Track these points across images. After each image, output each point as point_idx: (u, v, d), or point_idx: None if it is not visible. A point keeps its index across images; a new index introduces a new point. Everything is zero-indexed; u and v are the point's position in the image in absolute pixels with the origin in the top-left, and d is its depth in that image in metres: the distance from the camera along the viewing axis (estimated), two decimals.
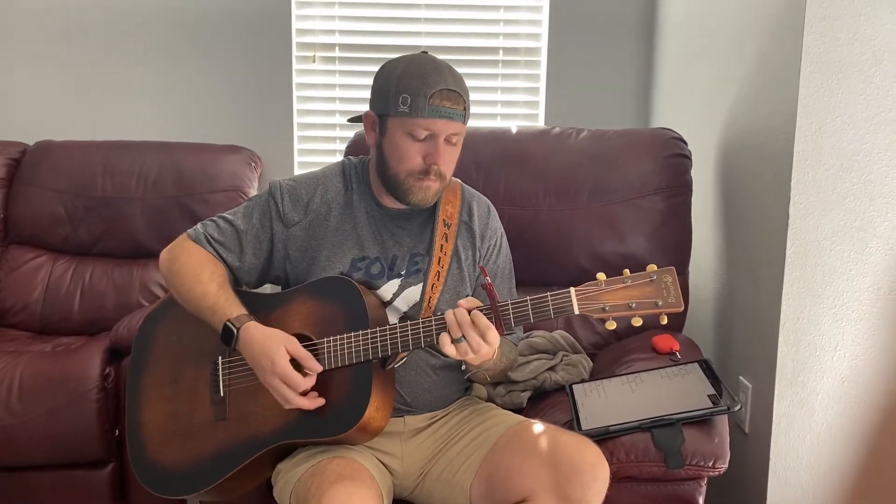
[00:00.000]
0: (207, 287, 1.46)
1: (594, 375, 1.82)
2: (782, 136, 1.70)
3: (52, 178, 2.51)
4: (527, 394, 1.79)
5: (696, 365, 1.64)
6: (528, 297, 1.34)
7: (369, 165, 1.58)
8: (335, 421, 1.39)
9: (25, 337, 2.36)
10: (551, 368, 1.83)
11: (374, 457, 1.49)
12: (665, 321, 1.29)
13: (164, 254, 1.55)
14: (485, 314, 1.32)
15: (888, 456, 1.74)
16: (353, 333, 1.40)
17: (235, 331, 1.41)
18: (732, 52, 2.04)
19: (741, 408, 1.85)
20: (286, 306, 1.49)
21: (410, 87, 1.41)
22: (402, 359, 1.44)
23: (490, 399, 1.75)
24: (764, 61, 1.84)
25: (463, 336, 1.31)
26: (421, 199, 1.48)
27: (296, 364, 1.38)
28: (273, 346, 1.37)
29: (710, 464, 1.43)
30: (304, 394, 1.38)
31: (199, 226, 1.56)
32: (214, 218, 1.57)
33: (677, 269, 1.98)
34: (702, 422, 1.47)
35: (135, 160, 2.52)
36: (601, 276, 1.32)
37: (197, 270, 1.48)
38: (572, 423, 1.54)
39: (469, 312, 1.32)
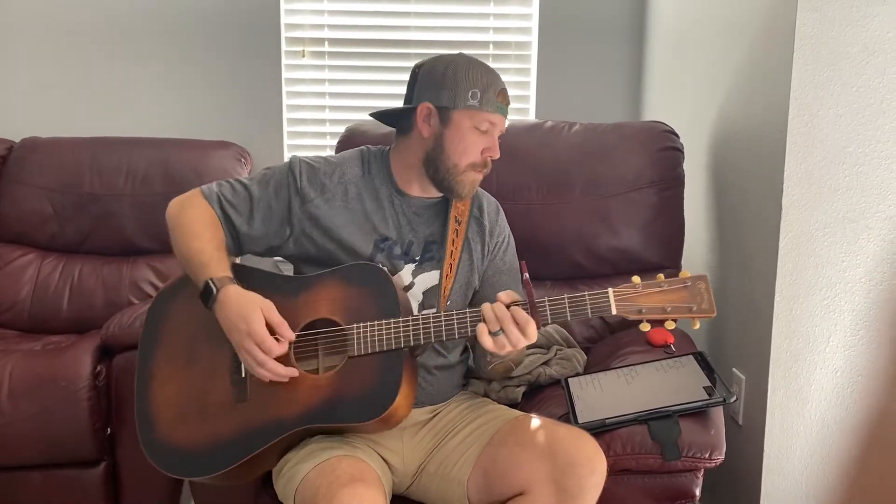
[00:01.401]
0: (205, 245, 1.47)
1: (589, 369, 1.82)
2: (774, 129, 1.71)
3: (39, 175, 2.49)
4: (521, 389, 1.79)
5: (690, 357, 1.64)
6: (565, 295, 1.36)
7: (391, 155, 1.61)
8: (363, 407, 1.38)
9: (14, 336, 2.34)
10: (545, 363, 1.83)
11: (377, 454, 1.49)
12: (697, 326, 1.34)
13: (173, 202, 1.56)
14: (522, 308, 1.34)
15: (880, 446, 1.76)
16: (386, 321, 1.40)
17: (215, 290, 1.40)
18: (724, 44, 2.04)
19: (736, 399, 1.85)
20: (314, 290, 1.47)
21: (480, 83, 1.49)
22: (428, 347, 1.45)
23: (485, 395, 1.74)
24: (756, 53, 1.84)
25: (501, 329, 1.33)
26: (468, 191, 1.56)
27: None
28: (249, 309, 1.37)
29: (707, 455, 1.43)
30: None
31: (213, 184, 1.57)
32: (230, 180, 1.58)
33: (671, 263, 2.03)
34: (698, 414, 1.48)
35: (123, 157, 2.50)
36: (636, 279, 1.36)
37: (200, 227, 1.49)
38: (568, 417, 1.54)
39: (508, 307, 1.34)
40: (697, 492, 1.48)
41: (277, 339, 1.38)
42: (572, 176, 2.05)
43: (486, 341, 1.34)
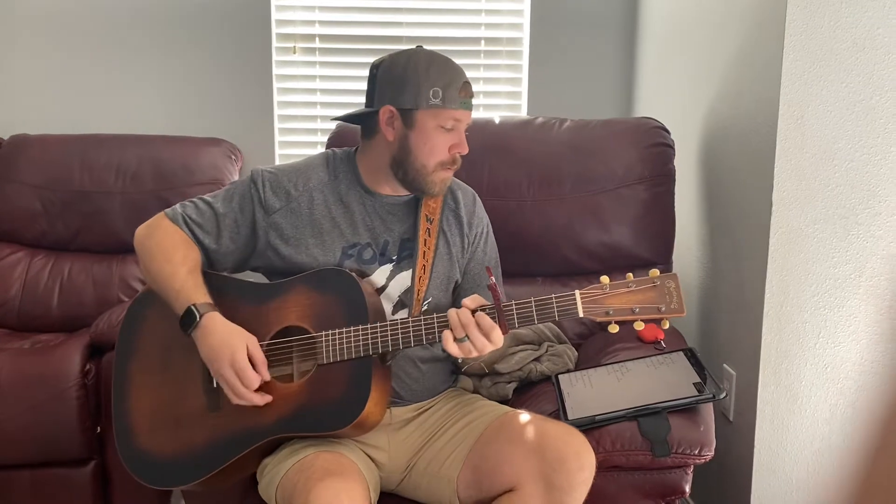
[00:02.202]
0: (178, 268, 1.45)
1: (579, 365, 1.82)
2: (765, 125, 1.71)
3: (28, 172, 2.47)
4: (512, 385, 1.79)
5: (681, 353, 1.64)
6: (532, 299, 1.33)
7: (357, 156, 1.58)
8: (333, 416, 1.37)
9: (3, 334, 2.32)
10: (537, 359, 1.83)
11: (360, 450, 1.48)
12: (667, 326, 1.31)
13: (139, 230, 1.55)
14: (488, 313, 1.32)
15: (870, 440, 1.76)
16: (353, 328, 1.39)
17: (198, 316, 1.39)
18: (715, 40, 2.04)
19: (726, 396, 1.86)
20: (283, 297, 1.47)
21: (441, 81, 1.45)
22: (398, 353, 1.43)
23: (475, 391, 1.74)
24: (746, 50, 1.84)
25: (466, 336, 1.31)
26: (440, 189, 1.53)
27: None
28: (236, 341, 1.38)
29: (696, 452, 1.43)
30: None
31: (177, 206, 1.55)
32: (194, 199, 1.56)
33: (662, 259, 2.03)
34: (687, 410, 1.48)
35: (113, 154, 2.49)
36: (605, 279, 1.33)
37: (170, 250, 1.48)
38: (558, 413, 1.54)
39: (473, 313, 1.32)
40: (687, 488, 1.48)
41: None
42: (563, 172, 2.05)
43: (452, 348, 1.32)
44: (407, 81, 1.45)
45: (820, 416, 1.75)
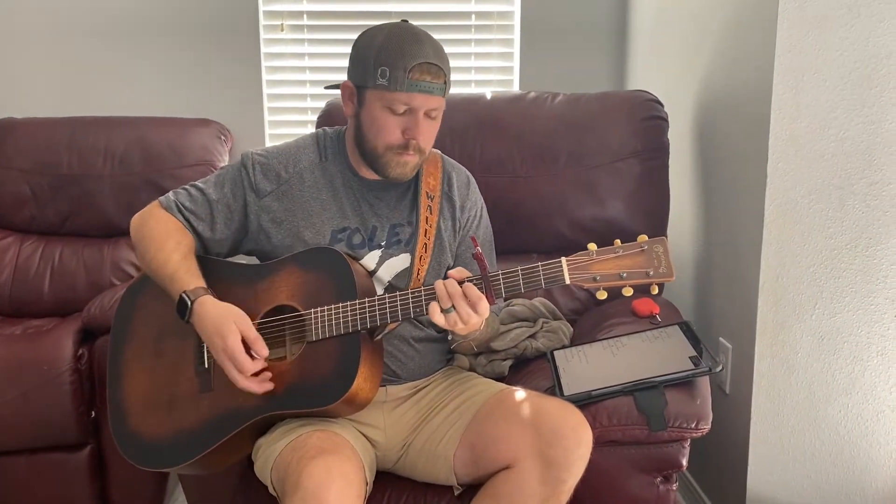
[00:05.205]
0: (170, 255, 1.44)
1: (575, 341, 1.81)
2: (759, 95, 1.69)
3: (15, 156, 2.45)
4: (508, 362, 1.78)
5: (676, 327, 1.63)
6: (518, 267, 1.32)
7: (346, 135, 1.56)
8: (323, 392, 1.37)
9: None
10: (532, 336, 1.82)
11: (355, 429, 1.48)
12: (656, 291, 1.30)
13: (134, 219, 1.54)
14: (474, 284, 1.31)
15: (865, 412, 1.76)
16: (341, 304, 1.38)
17: (189, 303, 1.38)
18: (708, 10, 2.01)
19: (722, 369, 1.86)
20: (272, 277, 1.47)
21: (389, 60, 1.38)
22: (390, 329, 1.43)
23: (471, 369, 1.74)
24: (739, 19, 1.82)
25: (453, 306, 1.30)
26: (399, 173, 1.47)
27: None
28: (225, 325, 1.35)
29: (693, 425, 1.43)
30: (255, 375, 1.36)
31: (170, 194, 1.55)
32: (186, 186, 1.55)
33: (656, 232, 2.01)
34: (684, 384, 1.47)
35: (101, 136, 2.47)
36: (592, 246, 1.32)
37: (163, 238, 1.47)
38: (554, 390, 1.54)
39: (461, 284, 1.31)
40: (684, 462, 1.48)
41: (252, 357, 1.35)
42: (556, 147, 2.03)
43: (439, 319, 1.31)
44: (360, 57, 1.43)
45: (816, 387, 1.75)
